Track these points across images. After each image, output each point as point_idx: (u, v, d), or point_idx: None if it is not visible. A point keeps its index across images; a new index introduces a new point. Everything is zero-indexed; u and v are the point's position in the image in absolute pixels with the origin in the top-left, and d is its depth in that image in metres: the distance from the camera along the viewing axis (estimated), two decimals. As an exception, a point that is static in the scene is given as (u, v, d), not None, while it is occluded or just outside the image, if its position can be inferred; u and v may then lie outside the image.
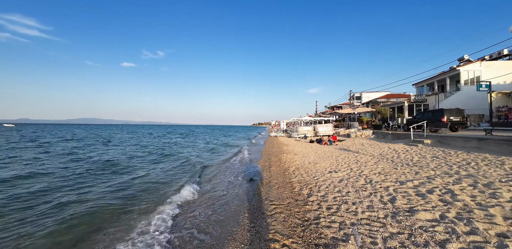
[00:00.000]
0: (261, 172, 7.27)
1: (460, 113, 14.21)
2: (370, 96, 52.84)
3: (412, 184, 5.18)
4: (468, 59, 29.75)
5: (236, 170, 8.67)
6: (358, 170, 6.58)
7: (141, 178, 7.35)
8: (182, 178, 7.44)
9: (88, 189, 5.99)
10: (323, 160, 8.59)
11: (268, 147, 16.43)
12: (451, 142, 10.86)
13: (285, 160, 9.04)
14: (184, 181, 6.95)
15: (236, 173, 7.87)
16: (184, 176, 7.71)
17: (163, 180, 7.18)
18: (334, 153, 10.66)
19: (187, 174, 8.05)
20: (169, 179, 7.45)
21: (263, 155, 11.94)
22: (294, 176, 5.92)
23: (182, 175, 7.97)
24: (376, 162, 7.95)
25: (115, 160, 10.75)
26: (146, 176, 7.62)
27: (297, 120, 29.11)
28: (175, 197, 5.12)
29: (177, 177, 7.67)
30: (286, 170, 6.97)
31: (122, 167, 9.21)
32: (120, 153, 13.98)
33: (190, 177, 7.60)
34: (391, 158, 8.47)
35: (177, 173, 8.40)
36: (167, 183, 6.87)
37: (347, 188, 4.68)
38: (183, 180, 7.14)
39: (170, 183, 6.93)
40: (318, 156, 9.91)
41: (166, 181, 7.13)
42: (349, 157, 9.26)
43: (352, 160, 8.42)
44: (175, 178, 7.52)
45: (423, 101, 26.59)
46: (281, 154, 10.73)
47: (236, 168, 9.12)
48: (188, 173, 8.34)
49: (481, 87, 18.69)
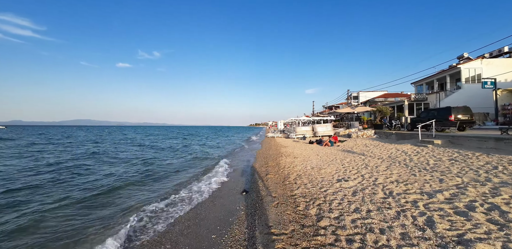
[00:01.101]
0: (257, 180, 6.20)
1: (468, 111, 13.38)
2: (368, 96, 52.35)
3: (442, 196, 4.18)
4: (468, 57, 29.24)
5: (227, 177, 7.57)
6: (371, 178, 5.57)
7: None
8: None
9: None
10: (327, 165, 7.57)
11: (265, 149, 15.35)
12: (464, 142, 9.95)
13: (284, 165, 7.99)
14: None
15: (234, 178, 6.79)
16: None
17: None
18: (338, 155, 9.66)
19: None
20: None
21: (259, 159, 10.82)
22: (296, 187, 4.87)
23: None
24: (388, 166, 6.96)
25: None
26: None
27: (295, 120, 28.15)
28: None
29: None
30: (286, 178, 5.91)
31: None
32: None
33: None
34: (403, 162, 7.49)
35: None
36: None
37: (365, 205, 3.65)
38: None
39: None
40: (320, 159, 8.89)
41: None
42: (355, 160, 8.26)
43: (360, 164, 7.41)
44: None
45: (423, 100, 25.92)
46: (279, 158, 9.66)
47: (228, 174, 8.02)
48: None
49: (486, 84, 18.00)
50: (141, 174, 7.88)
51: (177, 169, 9.22)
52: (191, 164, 10.46)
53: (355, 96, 53.90)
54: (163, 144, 22.55)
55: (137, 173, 8.08)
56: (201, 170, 9.18)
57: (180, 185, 6.75)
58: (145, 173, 8.10)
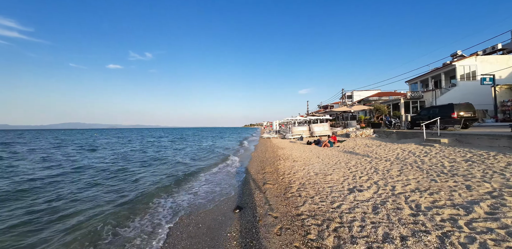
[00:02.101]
0: (253, 192, 5.27)
1: (471, 108, 12.87)
2: (362, 95, 52.36)
3: (481, 210, 3.41)
4: (462, 55, 29.22)
5: (217, 188, 6.49)
6: (386, 186, 4.77)
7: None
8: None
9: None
10: (332, 169, 6.75)
11: (261, 151, 14.46)
12: (473, 141, 9.34)
13: (283, 170, 7.11)
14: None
15: (217, 195, 5.71)
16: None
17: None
18: (341, 157, 8.88)
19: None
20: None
21: (254, 163, 9.88)
22: (301, 202, 3.95)
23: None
24: (400, 170, 6.19)
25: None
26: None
27: (291, 120, 27.40)
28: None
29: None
30: (288, 188, 4.98)
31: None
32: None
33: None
34: (415, 164, 6.75)
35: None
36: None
37: (395, 228, 2.82)
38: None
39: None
40: (322, 162, 8.07)
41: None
42: (361, 163, 7.48)
43: (369, 168, 6.63)
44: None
45: (419, 98, 25.63)
46: (277, 162, 8.78)
47: (218, 185, 6.84)
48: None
49: (485, 80, 17.69)
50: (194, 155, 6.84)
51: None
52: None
53: (349, 95, 53.84)
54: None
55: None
56: (192, 170, 8.27)
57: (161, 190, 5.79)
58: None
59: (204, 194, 5.75)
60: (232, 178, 7.41)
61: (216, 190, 6.19)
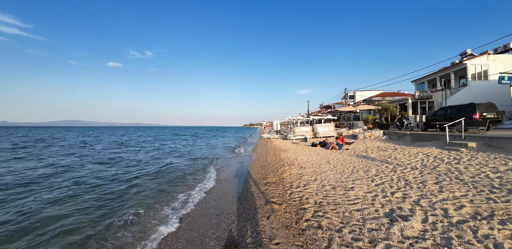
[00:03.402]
0: (251, 217, 3.89)
1: (494, 109, 11.63)
2: (364, 95, 51.16)
3: None
4: (472, 54, 28.02)
5: (208, 211, 4.60)
6: (434, 208, 3.55)
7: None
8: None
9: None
10: (351, 180, 5.51)
11: (262, 153, 13.16)
12: (506, 145, 8.11)
13: (290, 181, 5.83)
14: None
15: (204, 227, 3.84)
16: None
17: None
18: (355, 163, 7.64)
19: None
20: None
21: (255, 169, 8.50)
22: (325, 241, 2.45)
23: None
24: (437, 182, 4.96)
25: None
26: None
27: (292, 120, 26.15)
28: None
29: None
30: (301, 212, 3.64)
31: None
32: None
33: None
34: (452, 175, 5.52)
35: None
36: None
37: None
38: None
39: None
40: (336, 170, 6.84)
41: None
42: (384, 171, 6.24)
43: (396, 179, 5.39)
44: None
45: (428, 98, 24.43)
46: (281, 168, 7.50)
47: (207, 203, 5.11)
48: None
49: (503, 79, 16.45)
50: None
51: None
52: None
53: (351, 95, 52.67)
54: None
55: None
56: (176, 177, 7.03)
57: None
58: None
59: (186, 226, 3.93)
60: (226, 191, 6.15)
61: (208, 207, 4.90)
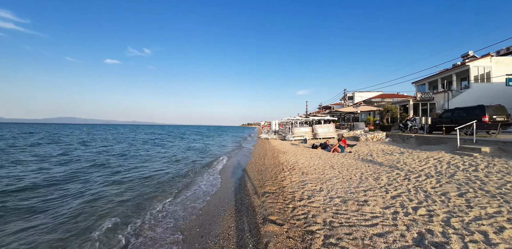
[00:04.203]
0: (247, 242, 3.06)
1: (504, 111, 11.07)
2: (363, 96, 50.79)
3: None
4: (474, 55, 27.64)
5: (191, 232, 3.71)
6: (470, 231, 2.88)
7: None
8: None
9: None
10: (361, 191, 4.82)
11: (258, 156, 12.41)
12: (523, 151, 7.53)
13: (292, 191, 5.01)
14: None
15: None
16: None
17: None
18: (362, 169, 6.96)
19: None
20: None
21: (251, 174, 7.60)
22: None
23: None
24: (461, 195, 4.30)
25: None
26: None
27: (291, 120, 25.48)
28: None
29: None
30: (308, 238, 2.86)
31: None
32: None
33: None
34: (474, 184, 4.86)
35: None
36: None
37: None
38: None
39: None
40: (342, 176, 6.14)
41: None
42: (396, 179, 5.57)
43: (413, 190, 4.71)
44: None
45: (429, 100, 23.96)
46: (281, 174, 6.73)
47: (193, 220, 4.17)
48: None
49: (511, 81, 16.01)
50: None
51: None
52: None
53: (350, 96, 52.29)
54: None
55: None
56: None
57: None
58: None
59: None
60: (217, 203, 5.40)
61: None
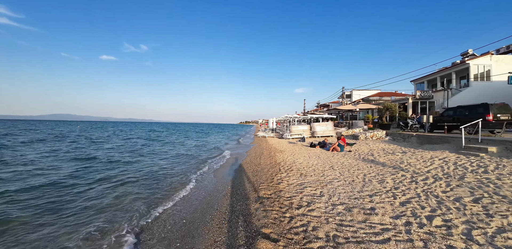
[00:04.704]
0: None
1: (508, 110, 10.72)
2: (361, 94, 50.53)
3: None
4: (473, 54, 27.37)
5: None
6: None
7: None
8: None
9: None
10: (367, 196, 4.37)
11: (255, 155, 11.88)
12: (532, 151, 7.15)
13: (289, 197, 4.47)
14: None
15: None
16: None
17: None
18: (364, 170, 6.52)
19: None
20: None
21: (244, 177, 6.83)
22: None
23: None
24: (476, 200, 3.87)
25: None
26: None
27: (289, 118, 25.02)
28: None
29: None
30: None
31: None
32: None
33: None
34: (488, 188, 4.44)
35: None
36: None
37: None
38: None
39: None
40: (344, 178, 5.69)
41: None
42: (401, 181, 5.13)
43: (423, 195, 4.27)
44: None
45: (428, 98, 23.68)
46: (277, 175, 6.19)
47: (173, 231, 3.66)
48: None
49: (513, 79, 15.71)
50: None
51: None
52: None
53: (348, 95, 52.03)
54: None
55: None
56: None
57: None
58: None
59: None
60: (205, 209, 4.88)
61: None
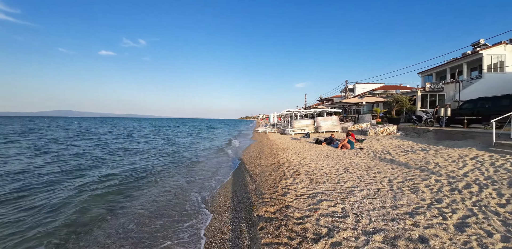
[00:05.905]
0: None
1: (537, 102, 9.58)
2: (365, 88, 49.19)
3: None
4: (485, 44, 25.89)
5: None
6: None
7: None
8: None
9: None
10: (406, 214, 3.33)
11: (254, 154, 10.78)
12: None
13: (300, 219, 2.84)
14: None
15: None
16: None
17: None
18: (385, 172, 5.48)
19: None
20: None
21: (240, 184, 5.77)
22: None
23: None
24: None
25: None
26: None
27: (290, 113, 23.91)
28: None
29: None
30: None
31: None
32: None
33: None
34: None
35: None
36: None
37: None
38: None
39: None
40: (366, 187, 4.65)
41: None
42: (440, 190, 4.10)
43: (476, 210, 3.25)
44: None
45: (439, 91, 22.45)
46: (281, 181, 4.96)
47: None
48: None
49: (536, 69, 14.45)
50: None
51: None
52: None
53: (351, 88, 50.71)
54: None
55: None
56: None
57: None
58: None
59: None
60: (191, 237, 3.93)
61: None
